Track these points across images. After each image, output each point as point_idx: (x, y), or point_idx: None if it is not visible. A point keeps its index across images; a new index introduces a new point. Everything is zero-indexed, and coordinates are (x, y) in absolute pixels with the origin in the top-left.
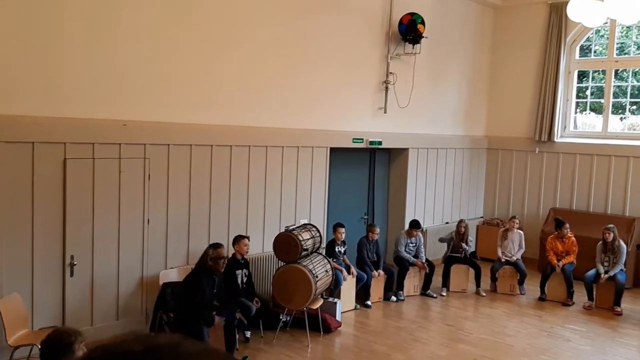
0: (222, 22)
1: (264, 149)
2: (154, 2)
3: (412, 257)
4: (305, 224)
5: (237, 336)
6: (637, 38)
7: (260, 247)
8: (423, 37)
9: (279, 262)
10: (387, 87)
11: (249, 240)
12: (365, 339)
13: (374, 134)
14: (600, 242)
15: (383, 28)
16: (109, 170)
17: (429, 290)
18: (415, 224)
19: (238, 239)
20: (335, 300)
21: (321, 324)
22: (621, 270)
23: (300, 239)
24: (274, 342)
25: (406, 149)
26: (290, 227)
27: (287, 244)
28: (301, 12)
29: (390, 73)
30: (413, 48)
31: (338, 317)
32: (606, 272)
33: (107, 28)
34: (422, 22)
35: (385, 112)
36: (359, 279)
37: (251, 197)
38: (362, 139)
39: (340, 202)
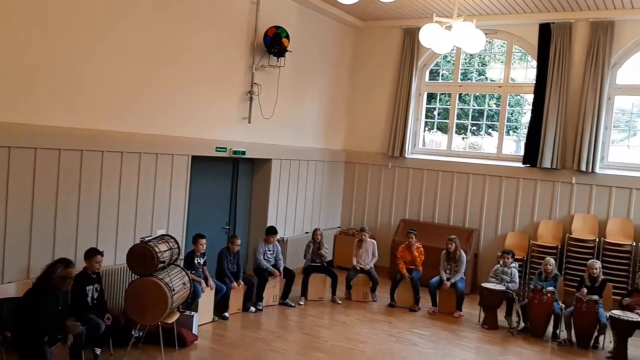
0: (84, 19)
1: (119, 154)
2: None
3: (270, 266)
4: (162, 235)
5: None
6: (478, 66)
7: (112, 259)
8: (288, 51)
9: (133, 275)
10: (251, 98)
11: (102, 257)
12: (222, 351)
13: (238, 144)
14: (444, 252)
15: (248, 39)
16: None
17: (287, 300)
18: (271, 230)
19: (90, 255)
20: (192, 313)
21: (176, 338)
22: (461, 277)
23: (157, 250)
24: None
25: (269, 160)
26: (146, 239)
27: (142, 256)
28: (165, 17)
29: (255, 84)
30: (278, 61)
31: (194, 331)
32: (448, 279)
33: None
34: (287, 37)
35: (249, 122)
36: (218, 291)
37: (103, 206)
38: (226, 148)
39: (202, 212)
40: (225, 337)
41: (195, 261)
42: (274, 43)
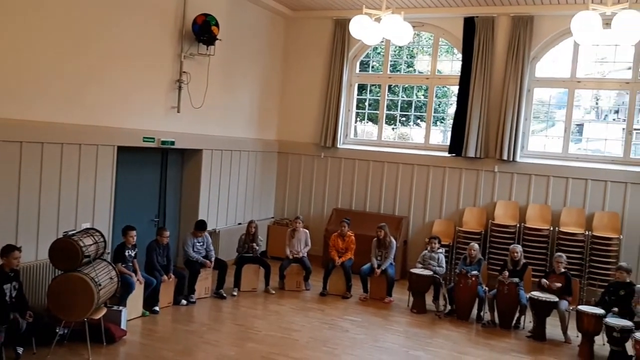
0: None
1: (39, 145)
2: None
3: (201, 258)
4: (87, 229)
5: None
6: (407, 58)
7: (33, 254)
8: (217, 39)
9: (57, 270)
10: (180, 87)
11: (20, 252)
12: (153, 346)
13: (167, 134)
14: (375, 239)
15: (176, 26)
16: None
17: (221, 290)
18: (200, 226)
19: (7, 251)
20: (120, 308)
21: (104, 334)
22: (391, 264)
23: (81, 244)
24: (49, 359)
25: (200, 150)
26: (70, 233)
27: (65, 251)
28: (89, 1)
29: (184, 72)
30: (207, 49)
31: (123, 326)
32: (379, 267)
33: None
34: (217, 24)
35: (178, 112)
36: (147, 284)
37: (23, 200)
38: (154, 139)
39: (129, 205)
40: (156, 331)
41: (126, 253)
42: (203, 31)
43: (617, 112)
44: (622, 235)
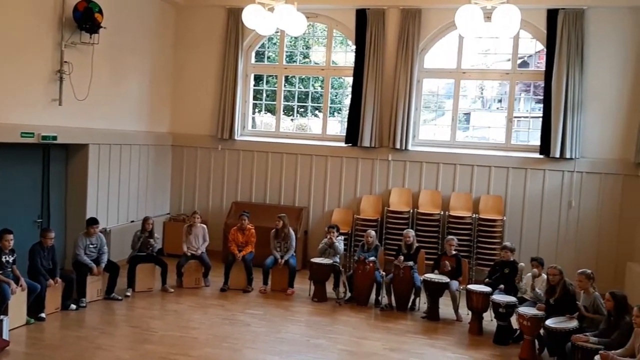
0: None
1: None
2: None
3: (92, 262)
4: None
5: None
6: (302, 49)
7: None
8: (102, 27)
9: None
10: (61, 77)
11: None
12: (40, 355)
13: (48, 128)
14: (273, 230)
15: (55, 12)
16: None
17: (113, 293)
18: (91, 221)
19: None
20: (2, 317)
21: None
22: (292, 255)
23: None
24: None
25: (86, 145)
26: None
27: None
28: None
29: (66, 62)
30: (91, 38)
31: (5, 336)
32: (282, 257)
33: None
34: (100, 12)
35: (60, 105)
36: (31, 290)
37: None
38: (33, 134)
39: (8, 205)
40: (42, 339)
41: (3, 259)
42: (86, 18)
43: (500, 101)
44: (506, 216)
